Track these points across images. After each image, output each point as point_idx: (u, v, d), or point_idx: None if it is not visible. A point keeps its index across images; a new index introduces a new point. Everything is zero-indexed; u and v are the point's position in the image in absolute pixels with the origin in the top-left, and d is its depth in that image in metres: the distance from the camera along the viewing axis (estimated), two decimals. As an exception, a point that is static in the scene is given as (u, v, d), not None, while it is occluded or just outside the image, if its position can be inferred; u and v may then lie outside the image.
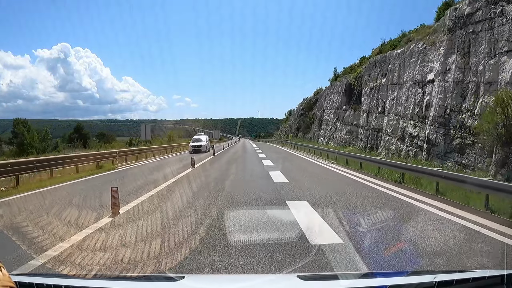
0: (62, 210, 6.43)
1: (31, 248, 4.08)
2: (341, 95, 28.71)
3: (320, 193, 7.96)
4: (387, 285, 1.63)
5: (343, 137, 26.37)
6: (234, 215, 5.77)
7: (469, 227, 5.03)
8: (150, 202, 7.03)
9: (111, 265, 3.59)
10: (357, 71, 27.74)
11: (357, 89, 25.87)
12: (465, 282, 1.66)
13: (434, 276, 1.68)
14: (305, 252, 3.91)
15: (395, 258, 3.71)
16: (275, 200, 7.23)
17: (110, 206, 5.92)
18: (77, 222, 5.35)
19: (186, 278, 1.92)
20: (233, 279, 2.71)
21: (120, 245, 4.22)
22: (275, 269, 3.43)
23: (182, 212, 6.13)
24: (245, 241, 4.31)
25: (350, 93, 27.35)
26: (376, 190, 8.43)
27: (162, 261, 3.67)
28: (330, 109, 32.02)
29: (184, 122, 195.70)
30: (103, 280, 2.07)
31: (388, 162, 11.38)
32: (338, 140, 27.33)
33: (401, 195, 7.72)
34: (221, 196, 7.64)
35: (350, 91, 27.43)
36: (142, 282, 1.99)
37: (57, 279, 1.83)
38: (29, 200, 7.76)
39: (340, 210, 5.99)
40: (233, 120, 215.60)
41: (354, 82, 26.94)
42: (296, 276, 1.91)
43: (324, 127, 33.56)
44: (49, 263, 3.67)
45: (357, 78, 26.52)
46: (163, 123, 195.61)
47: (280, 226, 5.07)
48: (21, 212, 6.45)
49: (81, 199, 7.63)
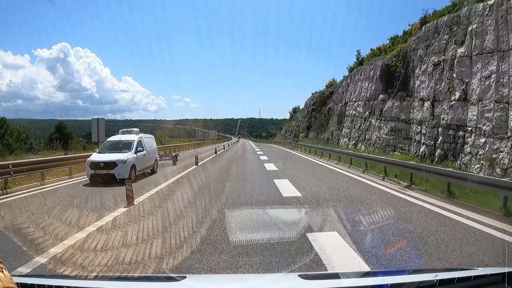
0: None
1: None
2: (375, 82, 21.61)
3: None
4: (388, 283, 1.62)
5: (383, 137, 19.12)
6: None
7: None
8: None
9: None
10: (398, 47, 20.64)
11: (401, 71, 18.89)
12: (466, 280, 1.65)
13: (436, 274, 1.69)
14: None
15: None
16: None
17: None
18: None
19: (188, 278, 1.92)
20: (234, 278, 2.68)
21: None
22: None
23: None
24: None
25: (389, 77, 20.40)
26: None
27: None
28: (358, 101, 24.67)
29: (183, 122, 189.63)
30: (104, 280, 2.06)
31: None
32: (376, 142, 19.98)
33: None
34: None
35: (389, 75, 20.47)
36: (144, 283, 1.99)
37: (58, 280, 1.82)
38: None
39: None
40: (232, 120, 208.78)
41: (394, 62, 19.93)
42: (297, 276, 1.89)
43: (348, 124, 25.86)
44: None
45: (399, 57, 19.52)
46: (162, 123, 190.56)
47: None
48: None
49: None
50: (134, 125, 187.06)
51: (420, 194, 8.02)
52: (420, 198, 7.50)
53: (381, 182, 10.05)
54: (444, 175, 8.10)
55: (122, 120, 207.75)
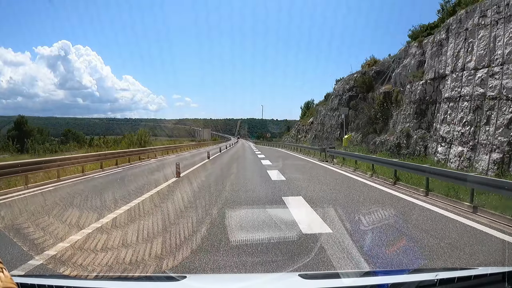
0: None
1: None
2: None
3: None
4: (388, 283, 1.62)
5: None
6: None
7: None
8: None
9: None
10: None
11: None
12: (467, 280, 1.65)
13: (436, 273, 1.70)
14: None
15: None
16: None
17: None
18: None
19: (188, 278, 1.91)
20: (234, 278, 2.67)
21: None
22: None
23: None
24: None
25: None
26: None
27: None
28: (496, 66, 10.38)
29: (183, 122, 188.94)
30: (104, 280, 2.06)
31: None
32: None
33: None
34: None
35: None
36: (144, 282, 1.98)
37: (58, 280, 1.82)
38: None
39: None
40: (233, 120, 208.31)
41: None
42: (297, 275, 1.89)
43: (456, 116, 12.03)
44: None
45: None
46: (162, 123, 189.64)
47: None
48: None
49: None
50: (133, 123, 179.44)
51: None
52: None
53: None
54: None
55: (121, 119, 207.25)
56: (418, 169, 8.72)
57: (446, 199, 7.18)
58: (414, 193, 8.12)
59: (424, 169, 8.22)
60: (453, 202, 6.89)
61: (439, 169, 8.57)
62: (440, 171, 8.09)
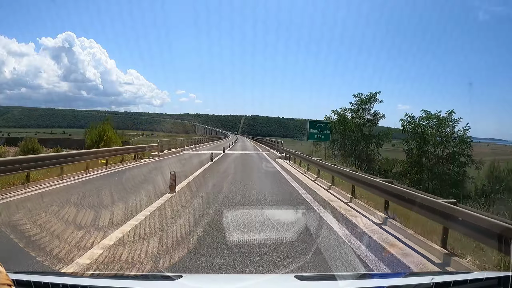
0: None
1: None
2: None
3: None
4: (384, 286, 1.71)
5: None
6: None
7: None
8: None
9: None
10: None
11: None
12: (462, 284, 1.67)
13: (432, 277, 1.69)
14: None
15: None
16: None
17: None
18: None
19: (184, 277, 1.92)
20: (230, 278, 2.66)
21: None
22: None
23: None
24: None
25: None
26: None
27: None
28: None
29: (183, 117, 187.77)
30: (100, 278, 2.08)
31: None
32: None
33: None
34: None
35: None
36: (140, 281, 1.96)
37: (54, 277, 1.79)
38: None
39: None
40: (236, 117, 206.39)
41: None
42: (293, 276, 1.91)
43: None
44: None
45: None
46: (163, 117, 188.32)
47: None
48: None
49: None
50: (136, 117, 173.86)
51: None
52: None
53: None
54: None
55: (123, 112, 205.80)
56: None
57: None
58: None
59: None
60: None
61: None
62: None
